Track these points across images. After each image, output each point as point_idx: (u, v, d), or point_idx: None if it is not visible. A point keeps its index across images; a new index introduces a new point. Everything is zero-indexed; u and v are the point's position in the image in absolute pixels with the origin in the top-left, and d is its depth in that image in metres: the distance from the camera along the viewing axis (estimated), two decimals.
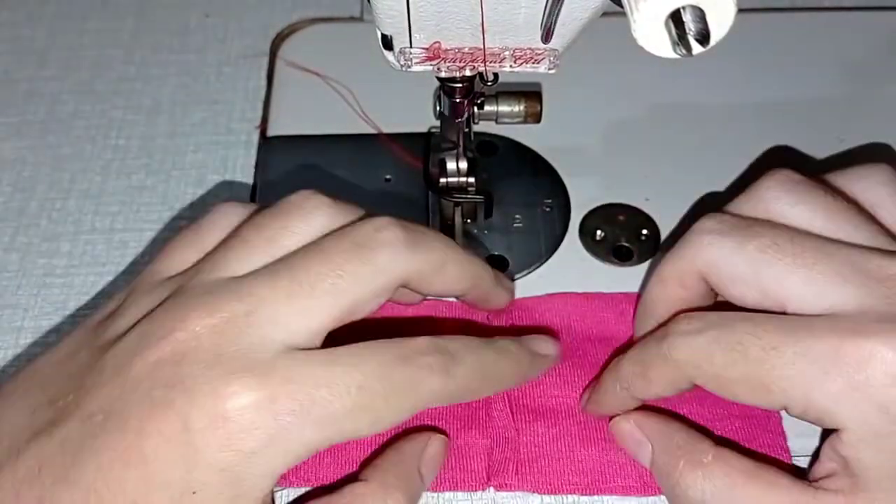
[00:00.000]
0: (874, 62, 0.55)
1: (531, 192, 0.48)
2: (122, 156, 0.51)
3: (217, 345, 0.30)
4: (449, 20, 0.34)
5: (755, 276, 0.33)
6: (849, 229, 0.34)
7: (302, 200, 0.34)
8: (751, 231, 0.34)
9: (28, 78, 0.56)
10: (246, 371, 0.30)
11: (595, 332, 0.42)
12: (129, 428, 0.29)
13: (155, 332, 0.31)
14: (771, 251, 0.33)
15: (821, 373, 0.30)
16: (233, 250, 0.33)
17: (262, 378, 0.30)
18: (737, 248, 0.34)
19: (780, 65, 0.55)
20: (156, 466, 0.29)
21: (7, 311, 0.45)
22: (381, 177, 0.49)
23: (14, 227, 0.48)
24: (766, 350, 0.31)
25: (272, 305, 0.31)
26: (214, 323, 0.31)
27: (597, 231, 0.47)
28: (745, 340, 0.32)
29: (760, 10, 0.57)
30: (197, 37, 0.58)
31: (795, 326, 0.31)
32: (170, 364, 0.30)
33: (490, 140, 0.51)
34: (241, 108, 0.54)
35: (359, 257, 0.32)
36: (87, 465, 0.29)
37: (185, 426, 0.29)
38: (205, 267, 0.33)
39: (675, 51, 0.28)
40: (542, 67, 0.36)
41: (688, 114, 0.52)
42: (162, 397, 0.30)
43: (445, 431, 0.38)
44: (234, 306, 0.31)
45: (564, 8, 0.32)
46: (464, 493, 0.38)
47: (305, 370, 0.30)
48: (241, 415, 0.29)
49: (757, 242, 0.33)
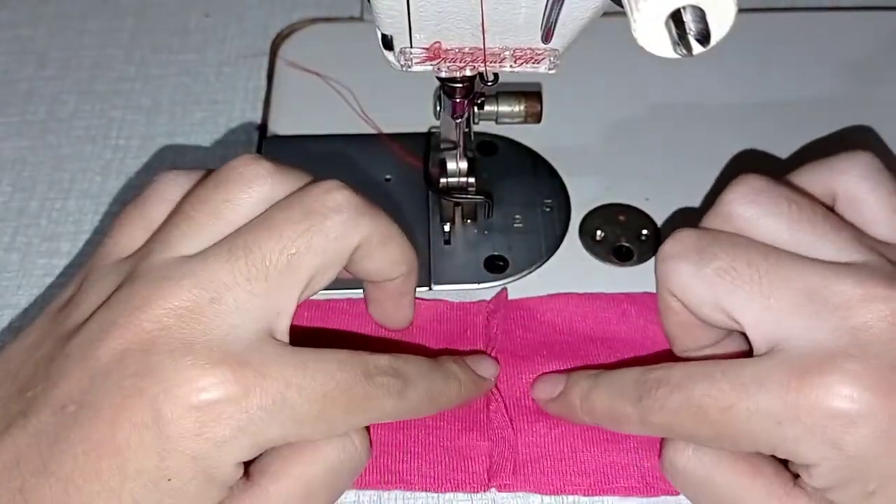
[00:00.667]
0: (874, 62, 0.55)
1: (531, 192, 0.48)
2: (122, 156, 0.51)
3: (186, 333, 0.30)
4: (449, 20, 0.34)
5: (716, 300, 0.33)
6: (814, 242, 0.33)
7: (243, 167, 0.34)
8: (708, 253, 0.34)
9: (28, 78, 0.56)
10: (220, 362, 0.30)
11: (597, 333, 0.42)
12: (102, 418, 0.30)
13: (115, 319, 0.31)
14: (729, 276, 0.33)
15: (776, 424, 0.31)
16: (178, 228, 0.33)
17: (237, 371, 0.30)
18: (696, 273, 0.34)
19: (780, 65, 0.55)
20: (129, 455, 0.29)
21: (7, 310, 0.45)
22: (381, 177, 0.49)
23: (14, 227, 0.48)
24: (723, 411, 0.32)
25: (234, 291, 0.31)
26: (178, 309, 0.31)
27: (597, 231, 0.47)
28: (704, 403, 0.32)
29: (760, 10, 0.57)
30: (197, 37, 0.58)
31: (748, 381, 0.32)
32: (138, 352, 0.30)
33: (490, 140, 0.51)
34: (240, 108, 0.54)
35: (310, 227, 0.32)
36: (64, 456, 0.29)
37: (157, 415, 0.29)
38: (154, 247, 0.33)
39: (676, 51, 0.28)
40: (543, 67, 0.36)
41: (688, 114, 0.52)
42: (132, 386, 0.30)
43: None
44: (196, 293, 0.31)
45: (565, 8, 0.32)
46: (464, 494, 0.38)
47: (277, 368, 0.31)
48: (214, 406, 0.30)
49: (715, 266, 0.33)
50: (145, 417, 0.29)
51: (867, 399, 0.30)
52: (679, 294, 0.35)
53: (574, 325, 0.42)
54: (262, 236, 0.32)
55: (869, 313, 0.31)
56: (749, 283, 0.33)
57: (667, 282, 0.35)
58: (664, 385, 0.33)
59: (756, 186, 0.35)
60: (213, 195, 0.34)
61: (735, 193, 0.35)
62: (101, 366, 0.30)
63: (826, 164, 0.37)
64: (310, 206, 0.33)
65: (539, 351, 0.41)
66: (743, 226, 0.35)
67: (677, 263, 0.34)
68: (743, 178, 0.35)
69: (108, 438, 0.29)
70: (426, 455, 0.38)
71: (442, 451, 0.38)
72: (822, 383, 0.30)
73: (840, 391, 0.30)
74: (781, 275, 0.32)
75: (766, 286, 0.32)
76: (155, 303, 0.31)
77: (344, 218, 0.33)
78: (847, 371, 0.30)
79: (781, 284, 0.32)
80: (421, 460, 0.38)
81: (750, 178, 0.35)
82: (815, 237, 0.33)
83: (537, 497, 0.37)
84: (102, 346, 0.31)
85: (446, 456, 0.38)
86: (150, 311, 0.31)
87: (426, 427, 0.39)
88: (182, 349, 0.30)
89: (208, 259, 0.32)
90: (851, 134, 0.50)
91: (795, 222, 0.34)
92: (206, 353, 0.30)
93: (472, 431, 0.39)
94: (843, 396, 0.30)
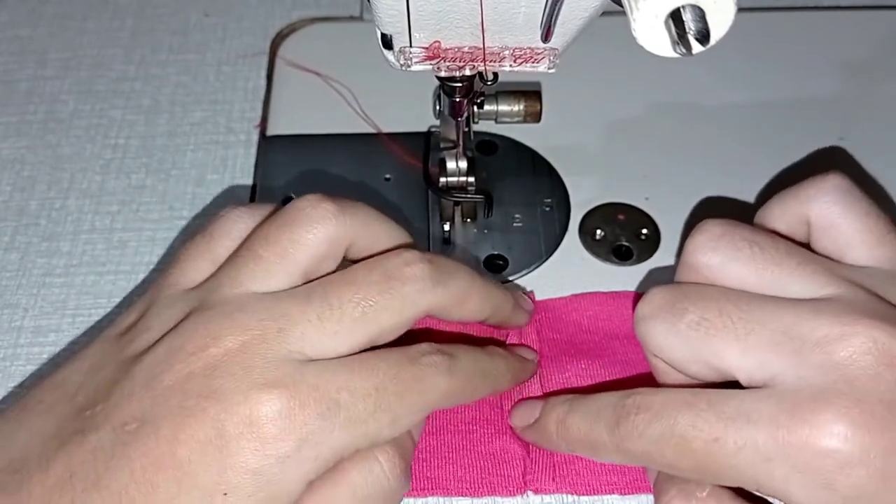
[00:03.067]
0: (874, 61, 0.55)
1: (531, 192, 0.48)
2: (122, 155, 0.51)
3: (247, 358, 0.31)
4: (448, 19, 0.34)
5: (696, 354, 0.33)
6: (782, 280, 0.33)
7: (309, 208, 0.35)
8: (678, 309, 0.34)
9: (28, 77, 0.56)
10: (277, 382, 0.31)
11: (622, 331, 0.42)
12: (162, 435, 0.30)
13: (184, 346, 0.32)
14: (703, 327, 0.33)
15: (764, 461, 0.30)
16: (247, 266, 0.34)
17: (292, 387, 0.31)
18: (671, 330, 0.34)
19: (779, 64, 0.55)
20: (188, 469, 0.30)
21: (7, 310, 0.45)
22: (380, 176, 0.49)
23: (13, 227, 0.48)
24: (708, 443, 0.31)
25: (303, 325, 0.32)
26: (246, 339, 0.32)
27: (596, 230, 0.47)
28: (687, 434, 0.31)
29: (760, 9, 0.57)
30: (196, 36, 0.58)
31: (735, 414, 0.31)
32: (201, 376, 0.31)
33: (490, 139, 0.51)
34: (240, 107, 0.54)
35: (389, 289, 0.34)
36: (120, 471, 0.30)
37: (219, 433, 0.30)
38: (224, 281, 0.34)
39: (675, 50, 0.28)
40: (542, 67, 0.36)
41: (688, 113, 0.52)
42: (195, 406, 0.31)
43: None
44: (266, 325, 0.32)
45: (564, 7, 0.32)
46: (501, 498, 0.37)
47: (326, 376, 0.32)
48: (274, 421, 0.30)
49: (687, 320, 0.33)
50: (208, 433, 0.30)
51: (860, 437, 0.29)
52: (661, 355, 0.35)
53: (600, 325, 0.42)
54: (342, 287, 0.33)
55: (851, 347, 0.30)
56: (723, 331, 0.32)
57: (647, 344, 0.35)
58: (644, 411, 0.33)
59: (715, 233, 0.35)
60: (279, 235, 0.34)
61: (695, 243, 0.35)
62: (165, 388, 0.31)
63: (795, 192, 0.37)
64: (391, 272, 0.34)
65: (567, 350, 0.41)
66: (710, 274, 0.34)
67: (652, 324, 0.34)
68: (701, 225, 0.35)
69: (167, 454, 0.30)
70: (461, 460, 0.38)
71: (477, 456, 0.38)
72: (813, 421, 0.30)
73: (832, 430, 0.29)
74: (755, 318, 0.32)
75: (741, 331, 0.32)
76: (226, 333, 0.32)
77: (419, 287, 0.34)
78: (838, 409, 0.29)
79: (756, 327, 0.32)
80: (456, 465, 0.38)
81: (708, 225, 0.35)
82: (782, 275, 0.33)
83: (571, 498, 0.37)
84: (168, 371, 0.31)
85: (481, 460, 0.38)
86: (221, 341, 0.32)
87: (459, 432, 0.39)
88: (242, 373, 0.31)
89: (283, 298, 0.33)
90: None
91: (760, 263, 0.34)
92: (263, 374, 0.31)
93: (504, 435, 0.38)
94: (835, 435, 0.29)
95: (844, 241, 0.35)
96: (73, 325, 0.44)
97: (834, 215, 0.35)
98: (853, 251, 0.35)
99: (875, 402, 0.29)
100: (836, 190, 0.36)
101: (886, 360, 0.30)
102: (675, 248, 0.46)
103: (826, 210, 0.35)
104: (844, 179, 0.36)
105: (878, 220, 0.35)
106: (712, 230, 0.35)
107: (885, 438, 0.29)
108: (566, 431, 0.35)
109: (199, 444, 0.30)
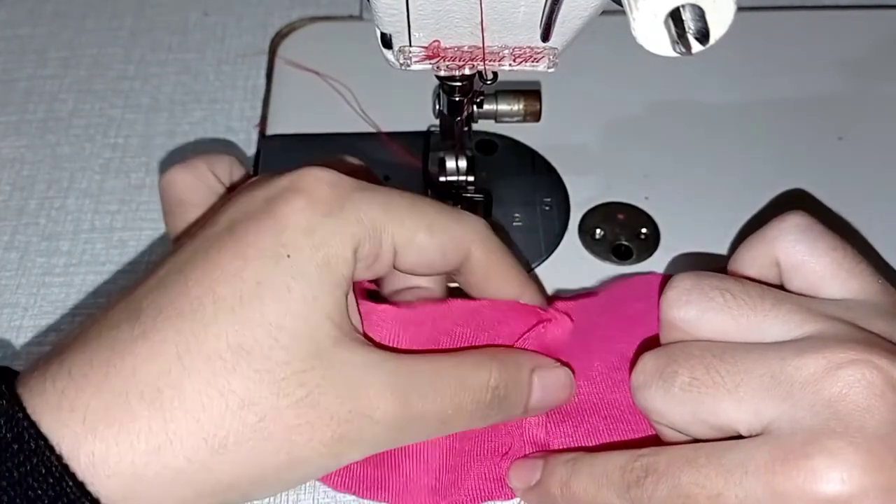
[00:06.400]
0: (874, 61, 0.55)
1: (530, 191, 0.48)
2: (121, 154, 0.51)
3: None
4: (448, 19, 0.34)
5: (693, 415, 0.33)
6: (760, 323, 0.33)
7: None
8: (668, 373, 0.33)
9: (27, 76, 0.56)
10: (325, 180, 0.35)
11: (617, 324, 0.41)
12: (224, 242, 0.33)
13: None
14: (694, 387, 0.32)
15: None
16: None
17: (333, 188, 0.35)
18: (666, 395, 0.33)
19: (779, 63, 0.55)
20: (248, 242, 0.32)
21: (6, 310, 0.45)
22: (380, 175, 0.49)
23: (13, 226, 0.48)
24: (712, 498, 0.31)
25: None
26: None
27: (596, 230, 0.47)
28: (691, 492, 0.31)
29: (760, 8, 0.57)
30: (196, 35, 0.58)
31: (733, 466, 0.30)
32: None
33: (489, 139, 0.51)
34: (240, 106, 0.54)
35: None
36: (191, 258, 0.33)
37: (275, 221, 0.33)
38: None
39: (675, 49, 0.28)
40: (542, 66, 0.36)
41: (687, 112, 0.52)
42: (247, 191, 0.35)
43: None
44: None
45: (564, 6, 0.32)
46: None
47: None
48: (322, 188, 0.34)
49: (679, 383, 0.33)
50: (266, 225, 0.33)
51: (857, 479, 0.28)
52: (663, 420, 0.34)
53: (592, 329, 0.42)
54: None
55: (840, 381, 0.30)
56: (713, 388, 0.32)
57: (648, 412, 0.35)
58: (651, 473, 0.32)
59: (685, 286, 0.34)
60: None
61: (668, 301, 0.35)
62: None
63: (760, 236, 0.37)
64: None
65: (576, 356, 0.40)
66: (689, 329, 0.34)
67: (648, 392, 0.34)
68: (672, 281, 0.35)
69: (230, 246, 0.32)
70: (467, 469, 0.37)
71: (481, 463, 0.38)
72: (808, 467, 0.29)
73: (829, 475, 0.29)
74: (741, 368, 0.32)
75: (731, 384, 0.32)
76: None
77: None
78: (833, 451, 0.29)
79: (744, 377, 0.32)
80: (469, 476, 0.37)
81: (677, 281, 0.35)
82: (758, 318, 0.33)
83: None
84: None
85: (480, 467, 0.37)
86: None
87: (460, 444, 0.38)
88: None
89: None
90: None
91: (735, 309, 0.33)
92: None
93: (496, 455, 0.38)
94: (832, 480, 0.29)
95: (816, 278, 0.35)
96: (72, 324, 0.44)
97: (800, 254, 0.35)
98: (827, 286, 0.35)
99: (871, 438, 0.29)
100: (796, 229, 0.36)
101: (878, 390, 0.30)
102: (675, 248, 0.46)
103: (792, 249, 0.35)
104: (804, 217, 0.36)
105: (846, 253, 0.35)
106: (682, 284, 0.34)
107: (883, 476, 0.29)
108: (572, 495, 0.34)
109: (258, 230, 0.32)
